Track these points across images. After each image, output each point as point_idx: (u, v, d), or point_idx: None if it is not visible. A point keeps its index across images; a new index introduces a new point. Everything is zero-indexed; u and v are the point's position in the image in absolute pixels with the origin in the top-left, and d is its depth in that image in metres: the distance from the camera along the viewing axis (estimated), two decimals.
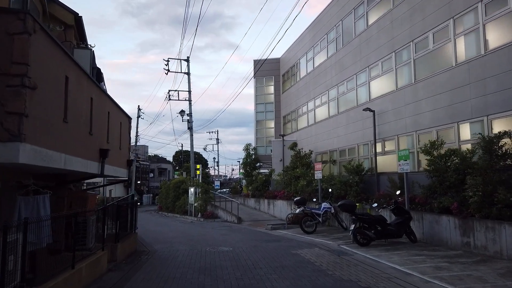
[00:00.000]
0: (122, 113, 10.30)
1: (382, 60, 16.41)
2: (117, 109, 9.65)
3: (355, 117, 18.51)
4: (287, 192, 21.62)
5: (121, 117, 10.11)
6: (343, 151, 19.71)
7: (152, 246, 12.47)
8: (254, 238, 13.93)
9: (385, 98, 16.13)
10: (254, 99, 31.99)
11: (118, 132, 9.77)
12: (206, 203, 25.68)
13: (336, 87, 20.57)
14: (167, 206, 33.76)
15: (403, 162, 12.18)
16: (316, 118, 23.27)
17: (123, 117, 10.47)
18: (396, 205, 11.65)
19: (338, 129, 20.18)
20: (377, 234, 11.33)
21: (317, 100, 23.15)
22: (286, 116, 28.95)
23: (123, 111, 10.46)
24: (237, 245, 12.28)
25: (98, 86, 7.71)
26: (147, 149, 69.45)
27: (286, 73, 29.37)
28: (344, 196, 16.58)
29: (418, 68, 14.15)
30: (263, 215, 23.41)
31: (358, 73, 18.36)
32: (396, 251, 10.27)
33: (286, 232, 15.80)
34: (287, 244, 12.26)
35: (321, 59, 22.79)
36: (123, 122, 10.34)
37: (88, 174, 7.63)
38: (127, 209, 10.98)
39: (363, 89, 17.98)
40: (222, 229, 17.92)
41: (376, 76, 16.95)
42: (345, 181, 16.71)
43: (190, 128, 33.66)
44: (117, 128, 9.66)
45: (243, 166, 31.90)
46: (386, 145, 16.10)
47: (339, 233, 14.57)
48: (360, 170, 16.60)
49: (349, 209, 11.84)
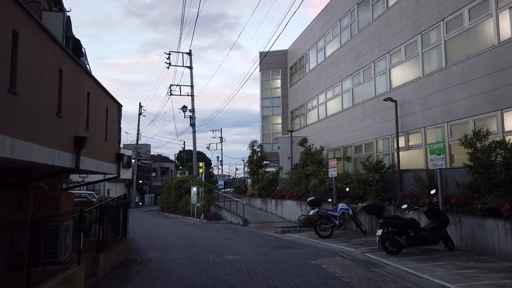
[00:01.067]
0: (109, 98, 8.68)
1: (405, 44, 14.70)
2: (102, 91, 8.03)
3: (373, 109, 16.82)
4: (296, 192, 19.96)
5: (107, 101, 8.48)
6: (359, 146, 18.02)
7: (147, 253, 10.84)
8: (264, 244, 12.28)
9: (409, 87, 14.43)
10: (260, 93, 30.32)
11: (103, 119, 8.15)
12: (209, 204, 24.06)
13: (351, 77, 18.88)
14: (168, 207, 32.16)
15: (436, 157, 10.48)
16: (328, 112, 21.58)
17: (111, 102, 8.85)
18: (430, 207, 9.96)
19: (353, 123, 18.49)
20: (409, 240, 9.65)
21: (329, 92, 21.46)
22: (294, 111, 27.27)
23: (111, 96, 8.83)
24: (244, 252, 10.63)
25: (71, 57, 6.08)
26: (149, 147, 67.95)
27: (294, 65, 27.68)
28: (362, 196, 14.92)
29: (450, 50, 12.44)
30: (270, 216, 21.76)
31: (377, 60, 16.65)
32: (436, 262, 8.58)
33: (298, 236, 14.14)
34: (303, 251, 10.60)
35: (333, 48, 21.10)
36: (110, 108, 8.72)
37: (58, 168, 6.01)
38: (116, 211, 9.36)
39: (383, 78, 16.28)
40: (226, 232, 16.28)
41: (397, 63, 15.24)
42: (363, 179, 15.03)
43: (192, 125, 32.10)
44: (101, 114, 8.04)
45: (248, 164, 30.24)
46: (410, 139, 14.40)
47: (358, 238, 12.91)
48: (381, 167, 14.92)
49: (376, 211, 10.16)
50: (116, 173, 9.22)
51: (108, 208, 8.52)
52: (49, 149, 5.23)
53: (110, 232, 8.84)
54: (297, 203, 19.17)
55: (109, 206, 8.58)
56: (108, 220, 8.54)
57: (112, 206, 9.10)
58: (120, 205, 9.84)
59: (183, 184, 29.34)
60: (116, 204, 9.44)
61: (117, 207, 9.45)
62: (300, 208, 18.77)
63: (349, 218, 14.27)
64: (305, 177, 20.12)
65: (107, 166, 8.46)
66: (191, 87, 32.36)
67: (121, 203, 9.90)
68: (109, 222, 8.55)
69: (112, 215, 8.82)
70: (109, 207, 8.62)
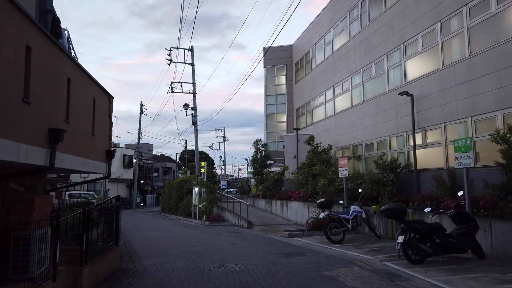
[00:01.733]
0: (97, 88, 7.67)
1: (422, 34, 13.62)
2: (87, 79, 7.02)
3: (386, 104, 15.74)
4: (303, 193, 18.91)
5: (95, 92, 7.47)
6: (370, 144, 16.94)
7: (142, 261, 9.83)
8: (271, 250, 11.25)
9: (427, 79, 13.35)
10: (264, 90, 29.26)
11: (89, 112, 7.14)
12: (212, 205, 23.03)
13: (361, 71, 17.81)
14: (170, 207, 31.17)
15: (462, 154, 9.40)
16: (336, 109, 20.51)
17: (100, 93, 7.84)
18: (457, 210, 8.89)
19: (364, 119, 17.42)
20: (434, 248, 8.60)
21: (337, 88, 20.39)
22: (300, 108, 26.21)
23: (100, 86, 7.82)
24: (250, 260, 9.60)
25: (45, 33, 5.07)
26: (151, 147, 67.04)
27: (299, 61, 26.62)
28: (376, 198, 13.85)
29: (474, 38, 11.36)
30: (275, 218, 20.72)
31: (390, 52, 15.57)
32: (469, 274, 7.52)
33: (307, 240, 13.11)
34: (315, 259, 9.55)
35: (342, 41, 20.03)
36: (99, 99, 7.71)
37: (27, 166, 5.00)
38: (107, 215, 8.35)
39: (397, 70, 15.20)
40: (230, 236, 15.25)
41: (414, 54, 14.16)
42: (376, 180, 13.96)
43: (194, 123, 31.11)
44: (87, 105, 7.03)
45: (252, 163, 29.19)
46: (428, 136, 13.33)
47: (373, 243, 11.86)
48: (395, 166, 13.85)
49: (397, 215, 9.10)
50: (106, 173, 8.21)
51: (95, 213, 7.51)
52: (10, 142, 4.22)
53: (101, 239, 7.84)
54: (304, 205, 18.14)
55: (97, 210, 7.57)
56: (96, 225, 7.54)
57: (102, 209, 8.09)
58: (112, 208, 8.82)
59: (184, 184, 28.35)
60: (107, 207, 8.42)
61: (108, 210, 8.43)
62: (307, 210, 17.74)
63: (362, 222, 13.23)
64: (312, 177, 19.07)
65: (95, 164, 7.45)
66: (193, 85, 31.38)
67: (113, 205, 8.88)
68: (97, 228, 7.55)
69: (101, 220, 7.81)
70: (97, 211, 7.61)
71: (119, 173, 49.25)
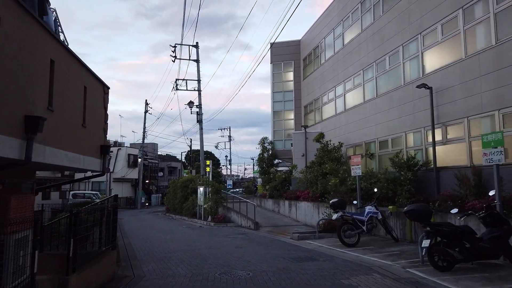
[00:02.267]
0: (89, 74, 6.89)
1: (442, 22, 12.72)
2: (76, 63, 6.25)
3: (401, 98, 14.85)
4: (312, 192, 18.07)
5: (86, 78, 6.70)
6: (384, 141, 16.05)
7: (142, 266, 9.05)
8: (281, 254, 10.42)
9: (448, 71, 12.44)
10: (270, 87, 28.42)
11: (79, 100, 6.37)
12: (217, 205, 22.24)
13: (374, 65, 16.91)
14: (174, 208, 30.44)
15: (491, 150, 8.53)
16: (347, 105, 19.63)
17: (92, 80, 7.06)
18: (489, 212, 8.00)
19: (377, 115, 16.52)
20: (464, 253, 7.72)
21: (348, 83, 19.51)
22: (308, 105, 25.33)
23: (92, 72, 7.05)
24: (258, 266, 8.78)
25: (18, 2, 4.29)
26: (156, 147, 66.43)
27: (308, 56, 25.75)
28: (392, 197, 12.98)
29: (501, 24, 10.45)
30: (283, 219, 19.90)
31: (406, 43, 14.67)
32: (508, 284, 6.65)
33: (318, 243, 12.27)
34: (330, 265, 8.71)
35: (353, 33, 19.14)
36: (91, 88, 6.93)
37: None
38: (101, 217, 7.58)
39: (414, 62, 14.29)
40: (236, 238, 14.45)
41: (432, 44, 13.26)
42: (392, 178, 13.08)
43: (199, 121, 30.38)
44: (76, 93, 6.26)
45: (258, 162, 28.38)
46: (448, 131, 12.42)
47: (390, 247, 11.00)
48: (413, 164, 12.96)
49: (422, 217, 8.23)
50: (101, 170, 7.43)
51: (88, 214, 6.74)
52: None
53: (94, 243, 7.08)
54: (314, 205, 17.31)
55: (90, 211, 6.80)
56: (89, 228, 6.77)
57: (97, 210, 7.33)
58: (108, 208, 8.05)
59: (189, 183, 27.59)
60: (101, 208, 7.65)
61: (103, 211, 7.66)
62: (317, 210, 16.91)
63: (378, 223, 12.37)
64: (322, 176, 18.21)
65: (86, 160, 6.67)
66: (198, 82, 30.64)
67: (108, 206, 8.10)
68: (90, 231, 6.78)
69: (95, 222, 7.04)
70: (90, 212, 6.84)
71: (124, 173, 48.67)
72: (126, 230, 19.24)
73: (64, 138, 5.72)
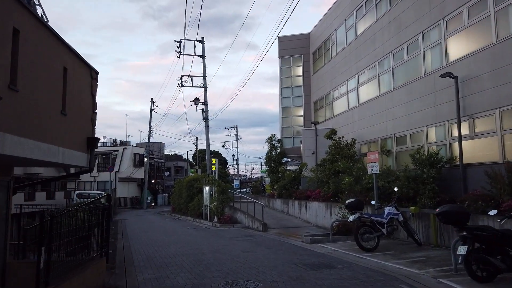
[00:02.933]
0: (71, 55, 5.93)
1: (468, 5, 11.59)
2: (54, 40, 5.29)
3: (421, 90, 13.73)
4: (324, 192, 17.01)
5: (66, 59, 5.74)
6: (402, 137, 14.93)
7: (137, 275, 8.08)
8: (292, 259, 9.40)
9: (475, 58, 11.31)
10: (279, 82, 27.37)
11: (55, 83, 5.41)
12: (224, 205, 21.26)
13: (390, 55, 15.79)
14: (180, 208, 29.57)
15: None
16: (360, 99, 18.52)
17: (75, 62, 6.10)
18: None
19: (394, 109, 15.41)
20: (507, 262, 6.62)
21: (361, 76, 18.40)
22: (318, 101, 24.23)
23: (76, 54, 6.08)
24: (268, 275, 7.76)
25: None
26: (163, 146, 65.70)
27: (317, 49, 24.65)
28: (413, 197, 11.89)
29: None
30: (293, 220, 18.86)
31: (426, 30, 13.54)
32: None
33: (333, 247, 11.23)
34: (349, 274, 7.66)
35: (366, 23, 18.04)
36: (73, 70, 5.97)
37: None
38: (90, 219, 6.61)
39: (435, 50, 13.17)
40: (243, 241, 13.46)
41: (457, 29, 12.12)
42: (413, 176, 11.97)
43: (205, 119, 29.41)
44: (51, 74, 5.30)
45: (266, 161, 27.37)
46: (476, 125, 11.29)
47: (413, 252, 9.93)
48: (437, 160, 11.84)
49: (458, 219, 7.12)
50: (87, 165, 6.47)
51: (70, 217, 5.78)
52: None
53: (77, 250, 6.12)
54: (326, 205, 16.25)
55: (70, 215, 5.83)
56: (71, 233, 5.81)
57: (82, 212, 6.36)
58: (97, 210, 7.09)
59: (195, 183, 26.68)
60: (89, 209, 6.68)
61: (91, 212, 6.69)
62: (329, 211, 15.86)
63: (398, 225, 11.28)
64: (334, 174, 17.15)
65: (67, 154, 5.71)
66: (204, 78, 29.67)
67: (98, 207, 7.14)
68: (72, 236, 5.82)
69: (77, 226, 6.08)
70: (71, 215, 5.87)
71: (130, 172, 47.96)
72: (129, 231, 18.38)
73: (35, 125, 4.76)
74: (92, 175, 48.69)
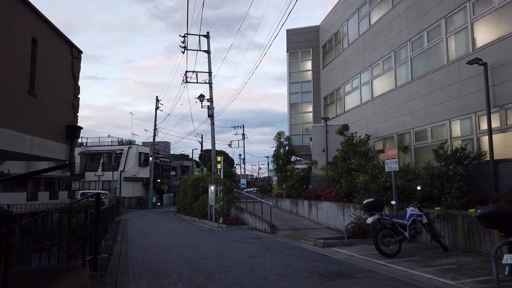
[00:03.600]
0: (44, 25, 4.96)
1: None
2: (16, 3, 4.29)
3: (444, 80, 12.60)
4: (336, 191, 15.94)
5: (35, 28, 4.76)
6: (422, 132, 13.80)
7: (128, 285, 7.09)
8: (305, 267, 8.36)
9: (507, 42, 10.17)
10: (287, 77, 26.28)
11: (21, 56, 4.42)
12: (230, 205, 20.27)
13: (408, 44, 14.66)
14: (185, 208, 28.65)
15: None
16: (374, 92, 17.40)
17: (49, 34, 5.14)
18: None
19: (413, 102, 14.28)
20: None
21: (376, 68, 17.28)
22: (329, 96, 23.13)
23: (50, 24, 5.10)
24: (279, 286, 6.73)
25: None
26: (168, 145, 64.93)
27: (328, 42, 23.54)
28: (437, 197, 10.78)
29: None
30: (302, 221, 17.80)
31: (450, 14, 12.41)
32: None
33: (349, 252, 10.16)
34: (372, 285, 6.61)
35: (381, 11, 16.91)
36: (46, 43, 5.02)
37: None
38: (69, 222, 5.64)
39: (460, 36, 12.03)
40: (250, 244, 12.44)
41: (486, 12, 10.98)
42: (437, 174, 10.86)
43: (211, 116, 28.44)
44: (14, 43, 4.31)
45: (274, 159, 26.32)
46: (509, 116, 10.14)
47: (441, 258, 8.83)
48: (463, 156, 10.71)
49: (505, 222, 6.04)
50: (66, 158, 5.49)
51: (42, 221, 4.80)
52: None
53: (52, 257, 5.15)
54: (338, 206, 15.19)
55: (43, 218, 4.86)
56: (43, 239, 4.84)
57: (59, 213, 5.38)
58: (82, 211, 6.11)
59: (199, 182, 25.73)
60: (69, 210, 5.70)
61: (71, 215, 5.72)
62: (342, 212, 14.80)
63: (422, 228, 10.17)
64: (346, 172, 16.07)
65: (37, 143, 4.73)
66: (209, 74, 28.71)
67: (82, 207, 6.16)
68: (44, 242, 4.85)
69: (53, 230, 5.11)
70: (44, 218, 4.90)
71: (135, 172, 47.17)
72: (129, 233, 17.46)
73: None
74: (96, 175, 48.09)
